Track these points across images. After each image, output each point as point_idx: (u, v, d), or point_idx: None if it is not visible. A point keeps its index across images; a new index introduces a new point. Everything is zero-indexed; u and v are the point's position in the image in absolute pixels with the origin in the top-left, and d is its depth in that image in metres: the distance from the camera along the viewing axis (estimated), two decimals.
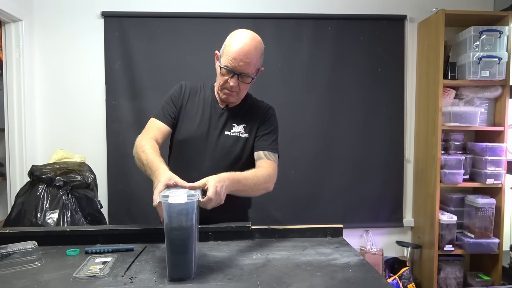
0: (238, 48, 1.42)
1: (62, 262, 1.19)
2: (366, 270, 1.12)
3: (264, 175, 1.43)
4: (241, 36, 1.45)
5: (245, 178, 1.34)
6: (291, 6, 2.91)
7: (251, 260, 1.20)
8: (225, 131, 1.54)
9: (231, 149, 1.53)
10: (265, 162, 1.50)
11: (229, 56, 1.43)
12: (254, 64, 1.46)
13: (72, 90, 2.85)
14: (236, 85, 1.46)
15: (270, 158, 1.52)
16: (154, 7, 2.83)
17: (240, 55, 1.42)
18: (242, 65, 1.42)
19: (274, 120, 1.62)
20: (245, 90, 1.55)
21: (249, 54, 1.42)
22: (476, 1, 3.00)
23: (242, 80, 1.47)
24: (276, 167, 1.52)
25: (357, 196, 2.97)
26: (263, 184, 1.42)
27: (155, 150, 1.37)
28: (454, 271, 2.84)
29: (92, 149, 2.81)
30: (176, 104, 1.58)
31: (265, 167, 1.47)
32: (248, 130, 1.56)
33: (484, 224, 2.74)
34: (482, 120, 2.85)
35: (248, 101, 1.63)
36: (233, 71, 1.44)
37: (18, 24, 2.63)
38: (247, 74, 1.46)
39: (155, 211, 1.19)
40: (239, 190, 1.32)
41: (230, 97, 1.52)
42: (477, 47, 2.68)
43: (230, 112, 1.57)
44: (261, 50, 1.49)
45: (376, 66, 2.95)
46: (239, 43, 1.43)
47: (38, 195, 2.16)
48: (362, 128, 2.96)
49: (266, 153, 1.53)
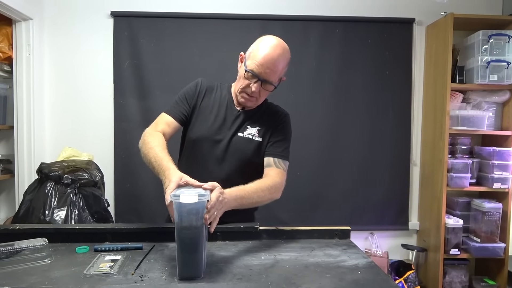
0: (266, 54, 1.40)
1: (72, 259, 1.20)
2: (375, 273, 1.12)
3: (269, 186, 1.39)
4: (270, 42, 1.44)
5: (248, 194, 1.31)
6: (299, 8, 2.91)
7: (259, 261, 1.21)
8: (239, 133, 1.53)
9: (243, 151, 1.51)
10: (273, 170, 1.47)
11: (256, 61, 1.41)
12: (279, 73, 1.45)
13: (80, 89, 2.87)
14: (257, 91, 1.45)
15: (280, 166, 1.50)
16: (163, 8, 2.85)
17: (267, 62, 1.40)
18: (268, 72, 1.41)
19: (289, 128, 1.60)
20: (265, 96, 1.53)
21: (277, 62, 1.41)
22: (485, 5, 3.00)
23: (265, 88, 1.46)
24: (285, 176, 1.50)
25: (362, 198, 2.97)
26: (268, 196, 1.39)
27: (163, 148, 1.35)
28: (460, 275, 2.83)
29: (99, 147, 2.83)
30: (190, 102, 1.55)
31: (271, 176, 1.44)
32: (262, 134, 1.53)
33: (490, 228, 2.73)
34: (490, 124, 2.84)
35: (264, 106, 1.60)
36: (257, 77, 1.42)
37: (28, 22, 2.65)
38: (270, 82, 1.44)
39: (161, 210, 1.20)
40: (242, 205, 1.30)
41: (249, 102, 1.50)
42: (486, 51, 2.67)
43: (246, 114, 1.55)
44: (288, 59, 1.48)
45: (383, 69, 2.95)
46: (267, 50, 1.41)
47: (46, 193, 2.18)
48: (369, 131, 2.96)
49: (276, 160, 1.50)
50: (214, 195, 1.12)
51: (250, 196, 1.32)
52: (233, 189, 1.27)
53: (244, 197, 1.29)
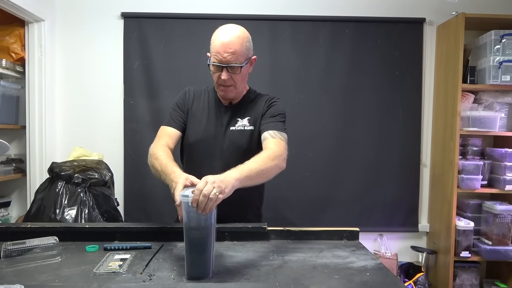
0: (218, 41, 1.44)
1: (82, 258, 1.22)
2: (384, 274, 1.11)
3: (269, 155, 1.34)
4: (221, 29, 1.48)
5: (249, 166, 1.25)
6: (308, 8, 2.90)
7: (267, 261, 1.21)
8: (231, 127, 1.56)
9: (238, 143, 1.54)
10: (269, 141, 1.45)
11: (214, 51, 1.46)
12: (240, 53, 1.45)
13: (91, 89, 2.90)
14: (228, 78, 1.47)
15: (275, 136, 1.47)
16: (172, 9, 2.87)
17: (222, 47, 1.43)
18: (226, 56, 1.43)
19: (279, 106, 1.59)
20: (242, 81, 1.54)
21: (231, 43, 1.43)
22: (497, 4, 2.95)
23: (233, 71, 1.47)
24: (283, 144, 1.45)
25: (371, 199, 2.95)
26: (270, 163, 1.32)
27: (168, 156, 1.40)
28: (470, 278, 2.79)
29: (109, 147, 2.86)
30: (183, 109, 1.61)
31: (268, 148, 1.41)
32: (253, 121, 1.57)
33: (502, 231, 2.69)
34: (502, 125, 2.80)
35: (251, 96, 1.64)
36: (220, 64, 1.45)
37: (41, 24, 2.69)
38: (234, 64, 1.45)
39: (170, 209, 1.20)
40: (249, 179, 1.23)
41: (228, 92, 1.53)
42: (498, 51, 2.63)
43: (234, 108, 1.60)
44: (244, 38, 1.48)
45: (393, 69, 2.93)
46: (219, 37, 1.45)
47: (57, 192, 2.20)
48: (378, 131, 2.94)
49: (271, 132, 1.48)
50: (201, 182, 1.06)
51: (251, 168, 1.25)
52: (236, 169, 1.21)
53: (245, 169, 1.22)
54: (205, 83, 1.72)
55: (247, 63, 1.52)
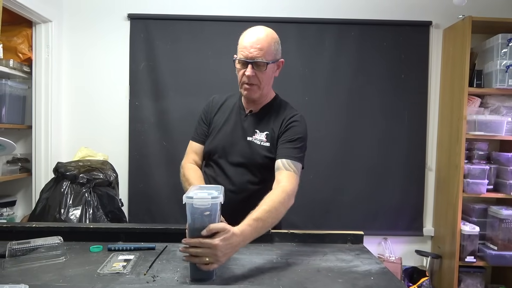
0: (247, 38, 1.46)
1: (86, 258, 1.22)
2: (388, 279, 1.11)
3: (282, 200, 1.29)
4: (250, 29, 1.49)
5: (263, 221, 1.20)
6: (314, 10, 2.90)
7: (271, 264, 1.20)
8: (248, 137, 1.54)
9: (252, 156, 1.52)
10: (282, 174, 1.39)
11: (240, 48, 1.46)
12: (267, 50, 1.44)
13: (97, 90, 2.92)
14: (253, 75, 1.44)
15: (289, 168, 1.41)
16: (178, 10, 2.88)
17: (249, 43, 1.44)
18: (253, 51, 1.43)
19: (300, 128, 1.53)
20: (266, 82, 1.51)
21: (259, 40, 1.44)
22: (504, 8, 2.93)
23: (258, 68, 1.45)
24: (296, 179, 1.41)
25: (376, 202, 2.93)
26: (284, 210, 1.30)
27: (197, 176, 1.52)
28: (475, 283, 2.77)
29: (114, 148, 2.87)
30: (206, 121, 1.64)
31: (282, 186, 1.35)
32: (270, 138, 1.52)
33: (508, 236, 2.66)
34: (508, 129, 2.77)
35: (275, 106, 1.59)
36: (245, 60, 1.45)
37: (48, 25, 2.71)
38: (260, 60, 1.44)
39: (174, 211, 1.21)
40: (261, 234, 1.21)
41: (252, 92, 1.49)
42: (505, 55, 2.62)
43: (254, 117, 1.57)
44: (273, 38, 1.48)
45: (399, 72, 2.92)
46: (248, 35, 1.47)
47: (62, 192, 2.22)
48: (383, 134, 2.93)
49: (285, 161, 1.43)
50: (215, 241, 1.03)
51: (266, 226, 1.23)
52: (245, 223, 1.15)
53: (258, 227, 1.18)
54: (210, 84, 1.73)
55: (274, 63, 1.50)
